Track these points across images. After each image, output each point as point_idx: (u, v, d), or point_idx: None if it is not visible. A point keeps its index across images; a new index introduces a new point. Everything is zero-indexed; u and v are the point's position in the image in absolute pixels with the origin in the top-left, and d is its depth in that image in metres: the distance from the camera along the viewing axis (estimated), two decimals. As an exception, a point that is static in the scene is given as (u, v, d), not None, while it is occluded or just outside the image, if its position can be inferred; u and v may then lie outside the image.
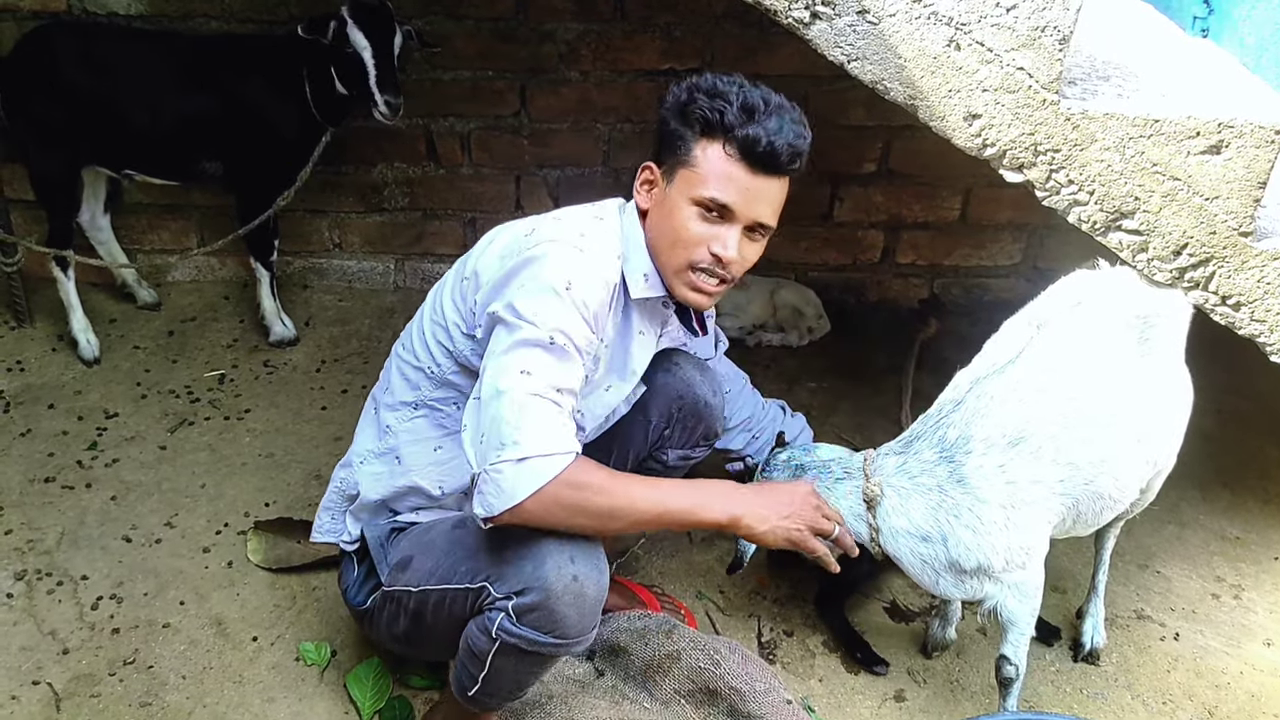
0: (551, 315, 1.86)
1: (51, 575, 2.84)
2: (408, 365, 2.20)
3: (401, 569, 2.16)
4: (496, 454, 1.78)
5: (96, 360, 3.75)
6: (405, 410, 2.21)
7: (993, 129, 2.33)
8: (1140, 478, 2.35)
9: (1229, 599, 2.95)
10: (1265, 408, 3.61)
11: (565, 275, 1.89)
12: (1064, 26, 2.20)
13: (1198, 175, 2.31)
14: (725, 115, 1.91)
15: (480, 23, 3.82)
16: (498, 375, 1.84)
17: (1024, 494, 2.20)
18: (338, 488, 2.36)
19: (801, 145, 1.95)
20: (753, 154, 1.92)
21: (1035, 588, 2.30)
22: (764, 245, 2.07)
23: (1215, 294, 2.43)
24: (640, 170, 2.08)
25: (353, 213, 4.22)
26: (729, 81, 1.96)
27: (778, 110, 1.95)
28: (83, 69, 3.40)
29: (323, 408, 3.59)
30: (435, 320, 2.14)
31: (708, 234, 1.97)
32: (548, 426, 1.80)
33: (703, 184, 1.95)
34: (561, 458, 1.79)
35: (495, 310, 1.91)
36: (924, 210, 4.16)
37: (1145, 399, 2.29)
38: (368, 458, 2.27)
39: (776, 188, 1.99)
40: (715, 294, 2.06)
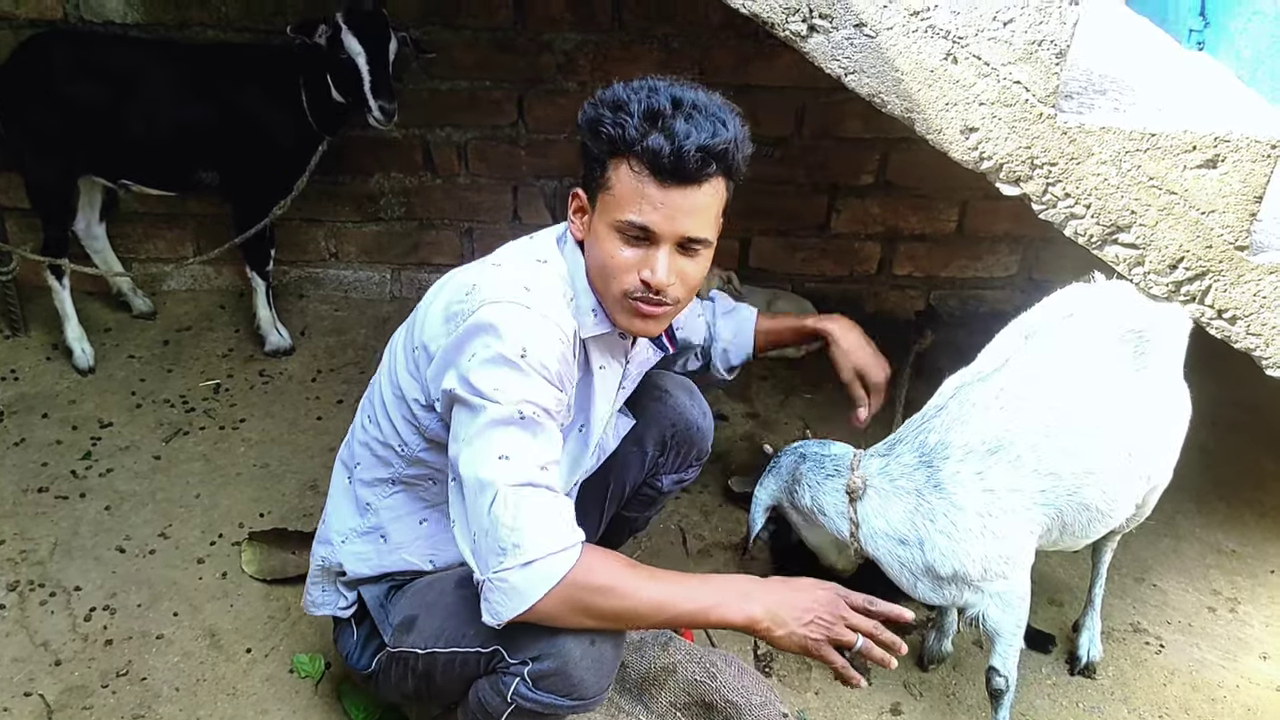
0: (513, 388, 1.75)
1: (44, 586, 2.82)
2: (375, 442, 2.09)
3: (406, 629, 2.06)
4: (499, 560, 1.70)
5: (91, 369, 3.74)
6: (382, 487, 2.11)
7: (990, 142, 2.33)
8: (1133, 492, 2.35)
9: (1225, 612, 2.94)
10: (1261, 420, 3.61)
11: (518, 341, 1.77)
12: (1061, 41, 2.21)
13: (1194, 189, 2.31)
14: (626, 128, 1.75)
15: (478, 32, 3.82)
16: (476, 464, 1.74)
17: (1002, 502, 2.20)
18: (320, 565, 2.24)
19: (718, 144, 1.75)
20: (659, 166, 1.74)
21: (1019, 598, 2.29)
22: (707, 258, 1.90)
23: (1211, 307, 2.43)
24: (570, 198, 1.95)
25: (349, 222, 4.21)
26: (636, 88, 1.79)
27: (690, 110, 1.76)
28: (79, 78, 3.40)
29: (318, 418, 3.58)
30: (395, 394, 2.02)
31: (634, 259, 1.83)
32: (547, 522, 1.72)
33: (618, 207, 1.80)
34: (568, 554, 1.71)
35: (452, 389, 1.79)
36: (921, 222, 4.17)
37: (1137, 412, 2.29)
38: (350, 537, 2.16)
39: (699, 197, 1.79)
40: (662, 316, 1.91)
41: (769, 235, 4.22)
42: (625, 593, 1.75)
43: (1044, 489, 2.21)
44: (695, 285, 1.92)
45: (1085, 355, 2.28)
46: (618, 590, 1.75)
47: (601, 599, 1.74)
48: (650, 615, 1.78)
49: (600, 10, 3.77)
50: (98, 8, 3.74)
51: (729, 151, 1.77)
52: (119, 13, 3.76)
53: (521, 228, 4.15)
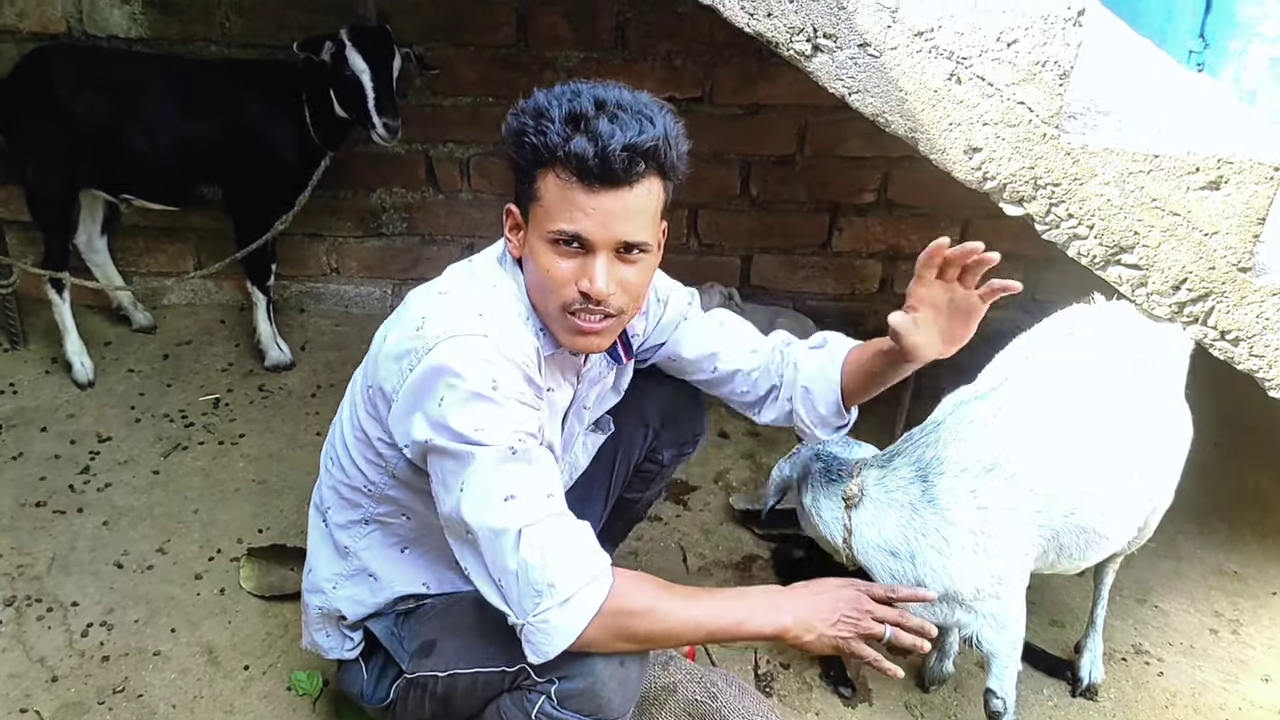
0: (496, 424, 1.70)
1: (41, 601, 2.81)
2: (343, 485, 2.04)
3: (425, 654, 2.02)
4: (535, 603, 1.67)
5: (91, 383, 3.74)
6: (356, 528, 2.07)
7: (993, 162, 2.33)
8: (1134, 514, 2.33)
9: (1227, 634, 2.93)
10: (1262, 441, 3.60)
11: (485, 375, 1.71)
12: (1064, 62, 2.21)
13: (1197, 210, 2.32)
14: (549, 134, 1.67)
15: (481, 49, 3.83)
16: (483, 513, 1.70)
17: (996, 521, 2.18)
18: (318, 612, 2.19)
19: (645, 142, 1.67)
20: (584, 170, 1.67)
21: (1013, 619, 2.28)
22: (650, 263, 1.83)
23: (1214, 329, 2.43)
24: (505, 215, 1.87)
25: (350, 237, 4.22)
26: (558, 93, 1.73)
27: (615, 110, 1.69)
28: (81, 91, 3.40)
29: (317, 433, 3.57)
30: (356, 436, 1.97)
31: (571, 271, 1.75)
32: (574, 553, 1.70)
33: (549, 218, 1.73)
34: (601, 581, 1.70)
35: (428, 439, 1.73)
36: (922, 241, 4.08)
37: (1138, 434, 2.28)
38: (339, 582, 2.12)
39: (631, 199, 1.71)
40: (605, 330, 1.83)
41: (770, 253, 4.22)
42: (662, 615, 1.74)
43: (1040, 509, 2.20)
44: (640, 294, 1.85)
45: (1085, 375, 2.28)
46: (655, 613, 1.73)
47: (640, 623, 1.73)
48: (687, 635, 1.78)
49: (603, 28, 3.78)
50: (102, 22, 3.76)
51: (658, 149, 1.70)
52: (123, 27, 3.77)
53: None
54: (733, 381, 2.28)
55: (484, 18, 3.77)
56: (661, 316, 2.23)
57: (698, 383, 2.35)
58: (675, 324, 2.26)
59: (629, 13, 3.75)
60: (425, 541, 2.07)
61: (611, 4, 3.74)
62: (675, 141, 1.75)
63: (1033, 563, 2.29)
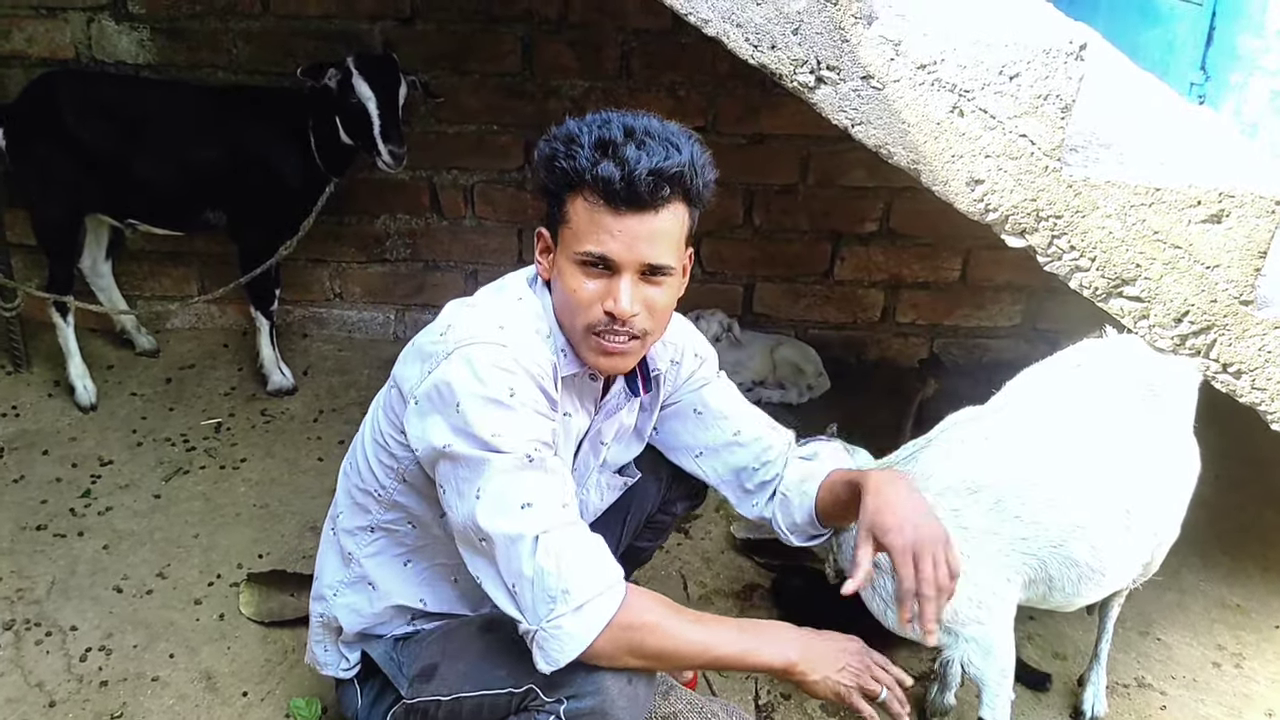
0: (513, 431, 1.73)
1: (40, 625, 2.80)
2: (355, 489, 2.07)
3: (426, 678, 2.01)
4: (549, 609, 1.69)
5: (93, 406, 3.74)
6: (362, 535, 2.08)
7: (995, 194, 2.34)
8: (1134, 552, 2.30)
9: (1230, 668, 2.91)
10: (1264, 474, 3.60)
11: (503, 382, 1.74)
12: (1066, 95, 2.23)
13: (1199, 244, 2.32)
14: (578, 159, 1.73)
15: (486, 78, 3.86)
16: (499, 519, 1.71)
17: (976, 544, 2.17)
18: (319, 621, 2.21)
19: (670, 167, 1.73)
20: (611, 193, 1.72)
21: (997, 646, 2.26)
22: (674, 286, 1.87)
23: (1216, 361, 2.43)
24: (536, 238, 1.92)
25: (354, 263, 4.23)
26: (589, 121, 1.78)
27: (643, 137, 1.74)
28: (87, 117, 3.43)
29: (319, 458, 3.57)
30: (376, 440, 2.00)
31: (597, 291, 1.80)
32: (589, 562, 1.72)
33: (577, 240, 1.78)
34: (614, 592, 1.72)
35: (447, 444, 1.75)
36: (924, 270, 4.18)
37: (1140, 469, 2.26)
38: (339, 589, 2.13)
39: (656, 222, 1.76)
40: (629, 351, 1.86)
41: (773, 281, 4.24)
42: (671, 633, 1.75)
43: (1025, 537, 2.18)
44: (664, 316, 1.89)
45: (1085, 407, 2.27)
46: (663, 630, 1.75)
47: (649, 637, 1.74)
48: (693, 656, 1.79)
49: (608, 58, 3.81)
50: (110, 48, 3.79)
51: (683, 174, 1.75)
52: (131, 53, 3.80)
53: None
54: (747, 450, 2.23)
55: (490, 46, 3.80)
56: (695, 371, 2.22)
57: (710, 450, 2.27)
58: (703, 382, 2.24)
59: (633, 43, 3.79)
60: (428, 555, 2.07)
61: (616, 34, 3.77)
62: (701, 169, 1.79)
63: (1019, 591, 2.27)
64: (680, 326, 2.18)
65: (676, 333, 2.15)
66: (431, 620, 2.13)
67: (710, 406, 2.22)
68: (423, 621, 2.13)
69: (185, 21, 3.77)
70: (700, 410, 2.23)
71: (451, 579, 2.09)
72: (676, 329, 2.15)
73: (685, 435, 2.26)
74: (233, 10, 3.76)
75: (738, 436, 2.22)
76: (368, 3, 3.75)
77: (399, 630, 2.13)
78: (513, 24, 3.78)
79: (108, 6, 3.75)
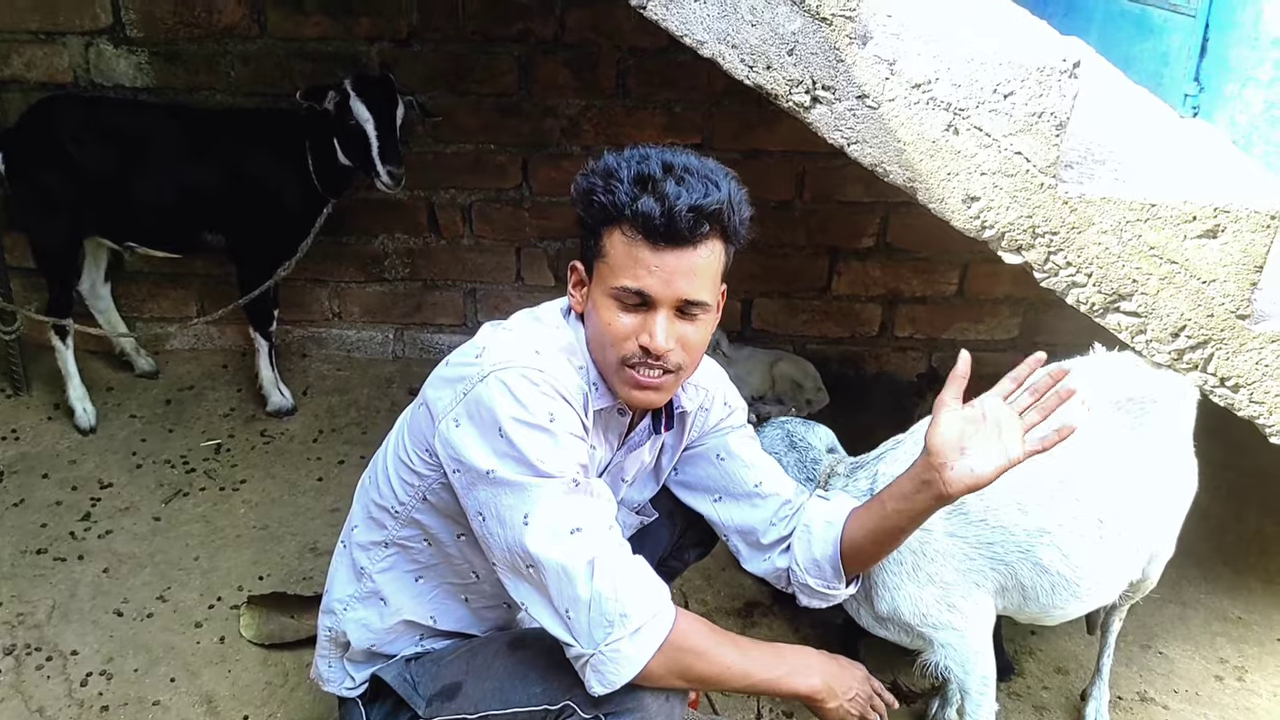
0: (557, 456, 1.74)
1: (41, 650, 2.79)
2: (373, 504, 2.06)
3: (447, 697, 1.98)
4: (607, 632, 1.70)
5: (93, 429, 3.74)
6: (376, 550, 2.07)
7: (991, 211, 2.35)
8: (1110, 562, 2.28)
9: (1232, 681, 2.91)
10: (1263, 484, 3.60)
11: (545, 406, 1.75)
12: (1061, 112, 2.24)
13: (1195, 258, 2.33)
14: (617, 194, 1.74)
15: (483, 98, 3.88)
16: (549, 545, 1.71)
17: (938, 545, 2.18)
18: (327, 635, 2.19)
19: (710, 204, 1.73)
20: (651, 228, 1.72)
21: (974, 653, 2.26)
22: (709, 322, 1.87)
23: (1214, 375, 2.44)
24: (569, 272, 1.93)
25: (353, 282, 4.24)
26: (628, 156, 1.79)
27: (682, 173, 1.75)
28: (86, 141, 3.44)
29: (319, 479, 3.57)
30: (400, 456, 1.98)
31: (632, 326, 1.80)
32: (641, 584, 1.73)
33: (613, 274, 1.78)
34: (666, 614, 1.73)
35: (492, 470, 1.74)
36: (921, 284, 4.19)
37: (1119, 481, 2.26)
38: (350, 603, 2.12)
39: (695, 258, 1.76)
40: (663, 386, 1.85)
41: (771, 297, 4.25)
42: (716, 658, 1.77)
43: (991, 541, 2.19)
44: (698, 352, 1.89)
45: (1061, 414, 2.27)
46: (709, 655, 1.77)
47: (697, 661, 1.76)
48: (734, 680, 1.81)
49: (604, 77, 3.82)
50: (108, 71, 3.81)
51: (722, 211, 1.75)
52: (129, 76, 3.82)
53: (525, 289, 4.18)
54: (766, 503, 2.19)
55: (486, 66, 3.82)
56: (723, 419, 2.20)
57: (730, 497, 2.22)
58: (728, 430, 2.21)
59: (630, 61, 3.80)
60: (440, 573, 2.07)
61: (613, 53, 3.79)
62: (739, 206, 1.80)
63: (992, 598, 2.27)
64: (713, 372, 2.17)
65: (709, 378, 2.15)
66: (440, 639, 2.12)
67: (734, 453, 2.20)
68: (431, 640, 2.12)
69: (183, 44, 3.79)
70: (724, 456, 2.20)
71: (462, 598, 2.08)
72: (709, 374, 2.15)
73: (706, 478, 2.23)
74: (230, 33, 3.77)
75: (759, 488, 2.18)
76: (365, 24, 3.76)
77: (408, 650, 2.12)
78: (509, 44, 3.79)
79: (106, 30, 3.76)
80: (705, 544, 2.42)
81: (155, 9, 3.73)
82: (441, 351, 4.29)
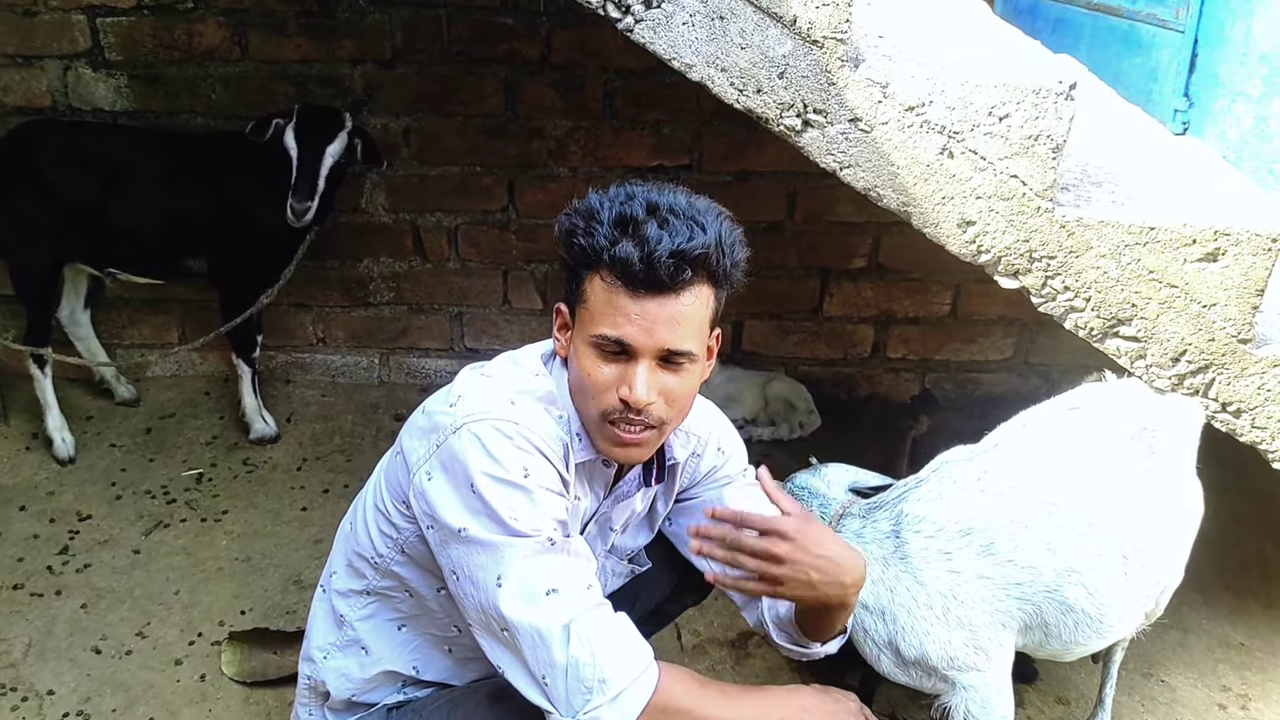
0: (531, 514, 1.66)
1: (16, 690, 2.71)
2: (353, 553, 1.99)
3: None
4: (586, 699, 1.62)
5: (72, 459, 3.67)
6: (356, 599, 2.00)
7: (987, 236, 2.31)
8: (1135, 599, 2.24)
9: (1236, 710, 2.86)
10: (1264, 508, 3.55)
11: (519, 461, 1.67)
12: (1057, 135, 2.20)
13: (1195, 282, 2.29)
14: (596, 237, 1.65)
15: (469, 119, 3.83)
16: (523, 609, 1.64)
17: (968, 588, 2.12)
18: (306, 683, 2.12)
19: (694, 249, 1.63)
20: (630, 275, 1.63)
21: (996, 693, 2.20)
22: (697, 372, 1.76)
23: (1215, 401, 2.40)
24: (555, 315, 1.84)
25: (337, 307, 4.18)
26: (613, 195, 1.69)
27: (667, 214, 1.65)
28: (64, 167, 3.38)
29: (303, 508, 3.50)
30: (378, 506, 1.92)
31: (612, 376, 1.70)
32: (621, 646, 1.65)
33: (593, 321, 1.69)
34: (649, 676, 1.65)
35: (464, 529, 1.67)
36: (914, 305, 4.15)
37: (1139, 513, 2.21)
38: (331, 652, 2.05)
39: (678, 306, 1.66)
40: (645, 442, 1.77)
41: (762, 319, 4.20)
42: (703, 716, 1.69)
43: (1019, 581, 2.13)
44: (684, 404, 1.79)
45: (1083, 450, 2.22)
46: (696, 713, 1.68)
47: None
48: None
49: (591, 98, 3.78)
50: (87, 95, 3.75)
51: (708, 256, 1.65)
52: (108, 100, 3.76)
53: (512, 312, 4.13)
54: None
55: (472, 88, 3.78)
56: (717, 467, 2.12)
57: None
58: (724, 481, 2.14)
59: (616, 82, 3.76)
60: (422, 623, 2.00)
61: (600, 74, 3.75)
62: (730, 249, 1.71)
63: (1015, 638, 2.22)
64: (706, 416, 2.08)
65: (701, 423, 2.05)
66: (423, 688, 2.05)
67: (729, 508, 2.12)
68: (414, 689, 2.05)
69: (163, 68, 3.74)
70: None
71: (445, 649, 2.01)
72: (702, 418, 2.05)
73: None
74: (211, 56, 3.72)
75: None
76: (348, 46, 3.71)
77: (390, 699, 2.05)
78: (495, 65, 3.75)
79: (84, 54, 3.71)
80: (702, 590, 2.33)
81: (134, 32, 3.68)
82: (428, 376, 4.24)
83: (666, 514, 2.16)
